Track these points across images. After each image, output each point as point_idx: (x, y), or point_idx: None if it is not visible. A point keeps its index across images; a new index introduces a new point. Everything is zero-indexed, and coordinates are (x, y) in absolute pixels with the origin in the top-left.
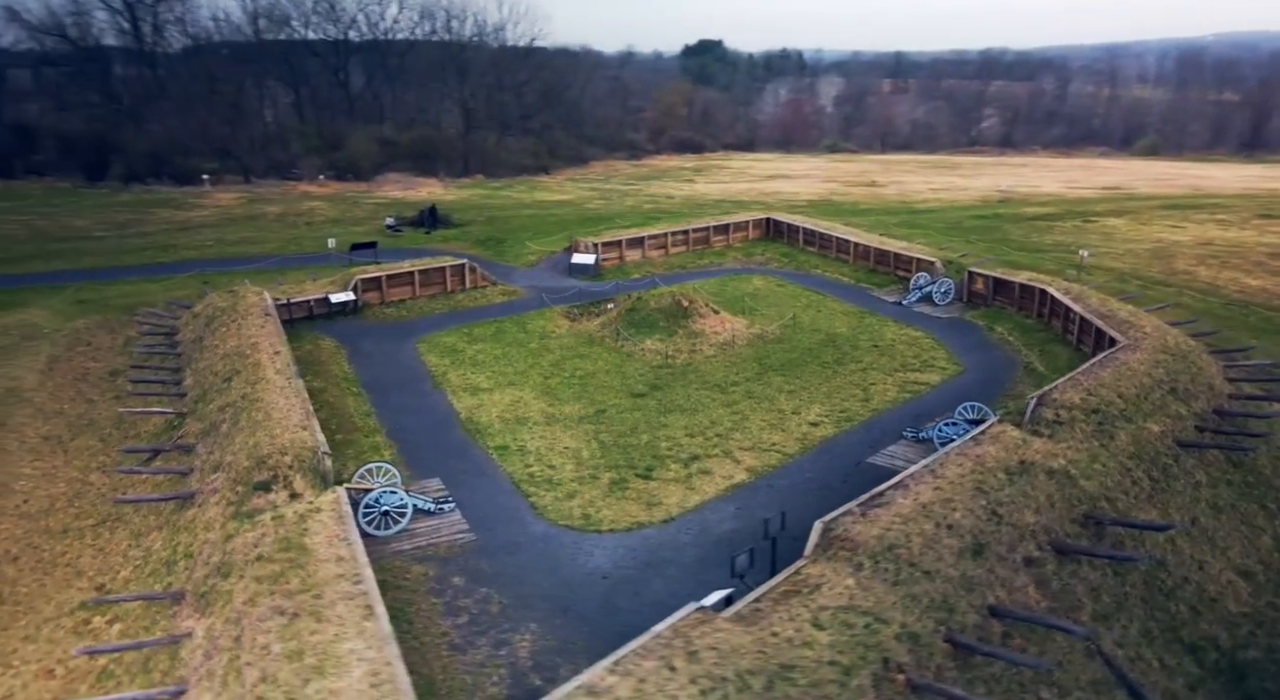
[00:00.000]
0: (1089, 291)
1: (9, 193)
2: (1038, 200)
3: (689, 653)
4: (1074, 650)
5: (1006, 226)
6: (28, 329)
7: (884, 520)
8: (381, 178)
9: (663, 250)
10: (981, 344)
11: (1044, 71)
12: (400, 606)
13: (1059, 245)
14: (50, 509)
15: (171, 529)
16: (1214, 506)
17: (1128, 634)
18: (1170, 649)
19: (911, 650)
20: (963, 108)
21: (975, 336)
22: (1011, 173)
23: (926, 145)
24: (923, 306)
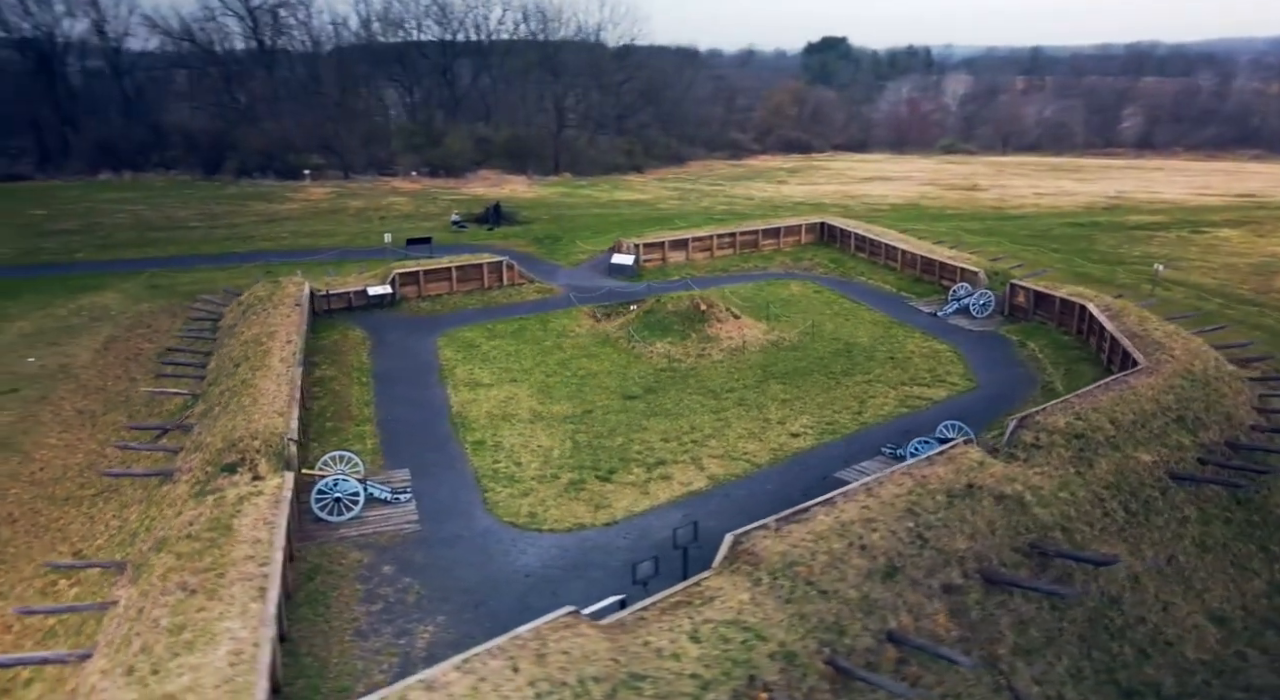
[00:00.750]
0: (1132, 309)
1: (136, 184)
2: (1149, 207)
3: (539, 656)
4: (980, 683)
5: (1098, 235)
6: (98, 311)
7: (795, 536)
8: (473, 175)
9: (707, 253)
10: (1006, 360)
11: (1202, 67)
12: (324, 591)
13: (1148, 257)
14: (60, 478)
15: (149, 503)
16: (1200, 545)
17: (1052, 671)
18: (1101, 690)
19: (784, 670)
20: (1101, 106)
21: (1003, 352)
22: (1139, 177)
23: (1055, 146)
24: (958, 318)
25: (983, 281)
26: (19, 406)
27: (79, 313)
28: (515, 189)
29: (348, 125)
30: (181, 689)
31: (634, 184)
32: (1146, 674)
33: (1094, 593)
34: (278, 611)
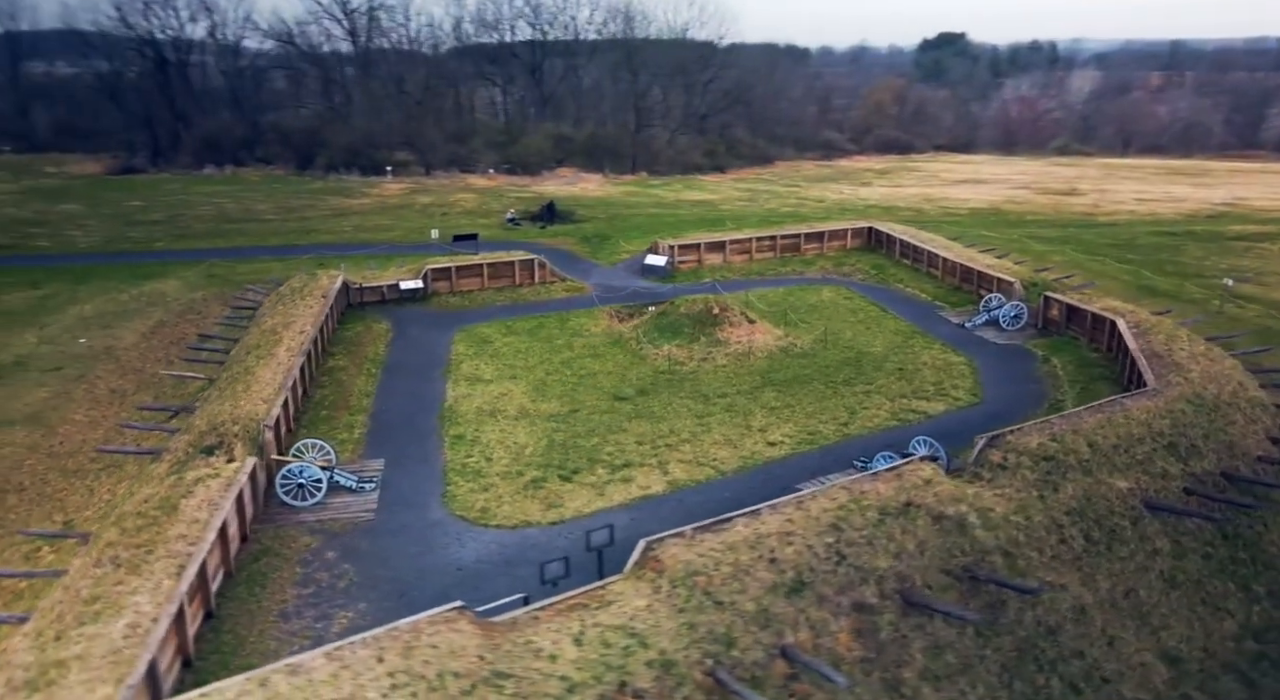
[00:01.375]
0: (1165, 326)
1: (234, 178)
2: (1262, 217)
3: (407, 648)
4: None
5: (1189, 245)
6: (155, 297)
7: (706, 546)
8: (549, 173)
9: (746, 255)
10: (1022, 376)
11: None
12: (265, 572)
13: (1236, 270)
14: (75, 452)
15: (136, 480)
16: (1168, 579)
17: (963, 699)
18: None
19: (659, 678)
20: (1244, 104)
21: (1021, 367)
22: (1269, 182)
23: (1184, 148)
24: (987, 330)
25: (1018, 292)
26: (58, 384)
27: (138, 298)
28: (587, 187)
29: (431, 124)
30: (72, 656)
31: (707, 184)
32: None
33: (1028, 622)
34: (198, 589)
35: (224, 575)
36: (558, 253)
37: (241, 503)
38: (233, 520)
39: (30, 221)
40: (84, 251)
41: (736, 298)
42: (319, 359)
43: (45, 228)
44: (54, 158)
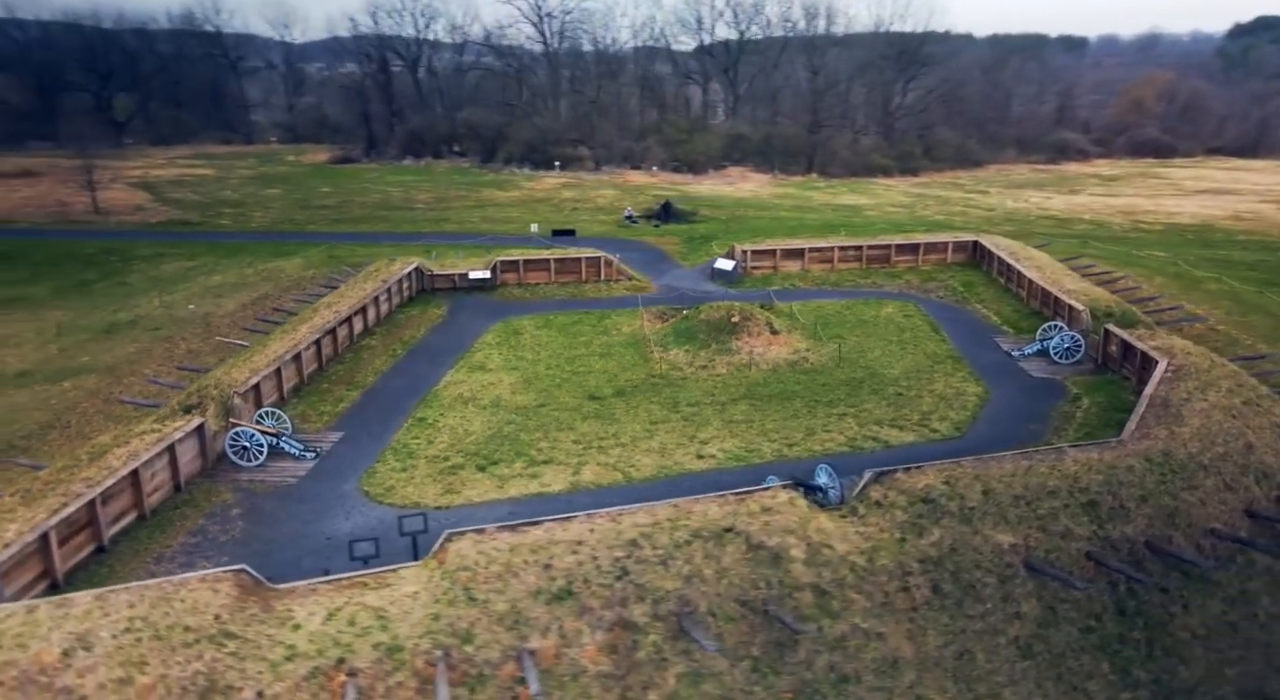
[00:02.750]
0: (1223, 372)
1: (424, 170)
2: None
3: (161, 599)
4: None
5: None
6: (274, 273)
7: (493, 544)
8: (716, 172)
9: (827, 264)
10: (1032, 415)
11: None
12: (173, 519)
13: None
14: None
15: (121, 428)
16: (1022, 647)
17: None
18: None
19: (380, 661)
20: None
21: (1040, 405)
22: None
23: None
24: (1034, 361)
25: (1084, 322)
26: (147, 341)
27: (260, 273)
28: (743, 187)
29: (607, 121)
30: None
31: (877, 188)
32: None
33: (819, 666)
34: (84, 525)
35: (136, 517)
36: (652, 251)
37: (174, 456)
38: (158, 470)
39: (230, 202)
40: (251, 230)
41: (779, 308)
42: (352, 338)
43: (238, 209)
44: (302, 148)
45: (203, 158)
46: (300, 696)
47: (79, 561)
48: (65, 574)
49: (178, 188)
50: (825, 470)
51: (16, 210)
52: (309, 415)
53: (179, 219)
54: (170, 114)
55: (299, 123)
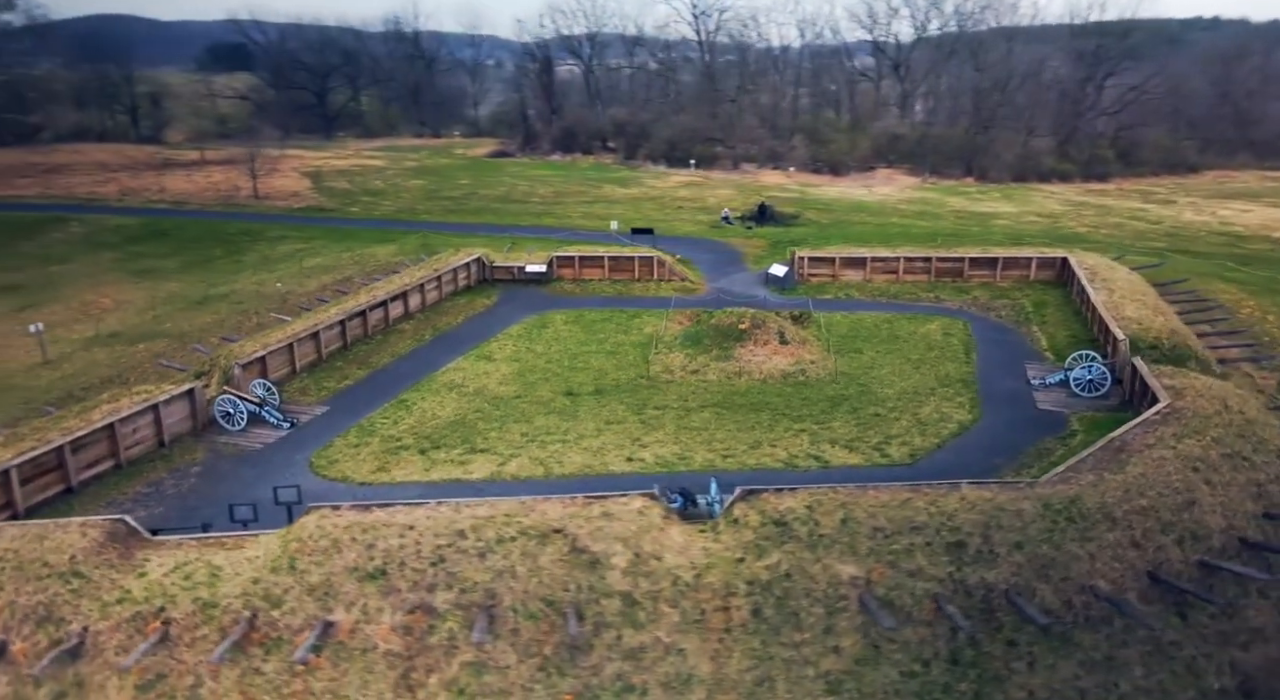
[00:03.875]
0: (1224, 420)
1: (566, 165)
2: None
3: (37, 539)
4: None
5: None
6: (366, 258)
7: (340, 519)
8: (862, 173)
9: (892, 275)
10: (1009, 448)
11: None
12: (143, 471)
13: None
14: (179, 361)
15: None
16: (831, 682)
17: None
18: None
19: (194, 613)
20: None
21: (1026, 439)
22: None
23: None
24: (1053, 393)
25: (1122, 354)
26: (226, 314)
27: (354, 258)
28: (883, 190)
29: (749, 120)
30: None
31: (1036, 194)
32: None
33: (608, 672)
34: (53, 468)
35: (112, 466)
36: (728, 253)
37: (158, 416)
38: (140, 427)
39: (372, 191)
40: (372, 218)
41: (813, 317)
42: (388, 321)
43: (375, 197)
44: (477, 142)
45: (390, 150)
46: (118, 636)
47: (46, 498)
48: (28, 507)
49: (339, 177)
50: (714, 484)
51: (194, 194)
52: (309, 389)
53: (316, 206)
54: (377, 109)
55: (481, 118)
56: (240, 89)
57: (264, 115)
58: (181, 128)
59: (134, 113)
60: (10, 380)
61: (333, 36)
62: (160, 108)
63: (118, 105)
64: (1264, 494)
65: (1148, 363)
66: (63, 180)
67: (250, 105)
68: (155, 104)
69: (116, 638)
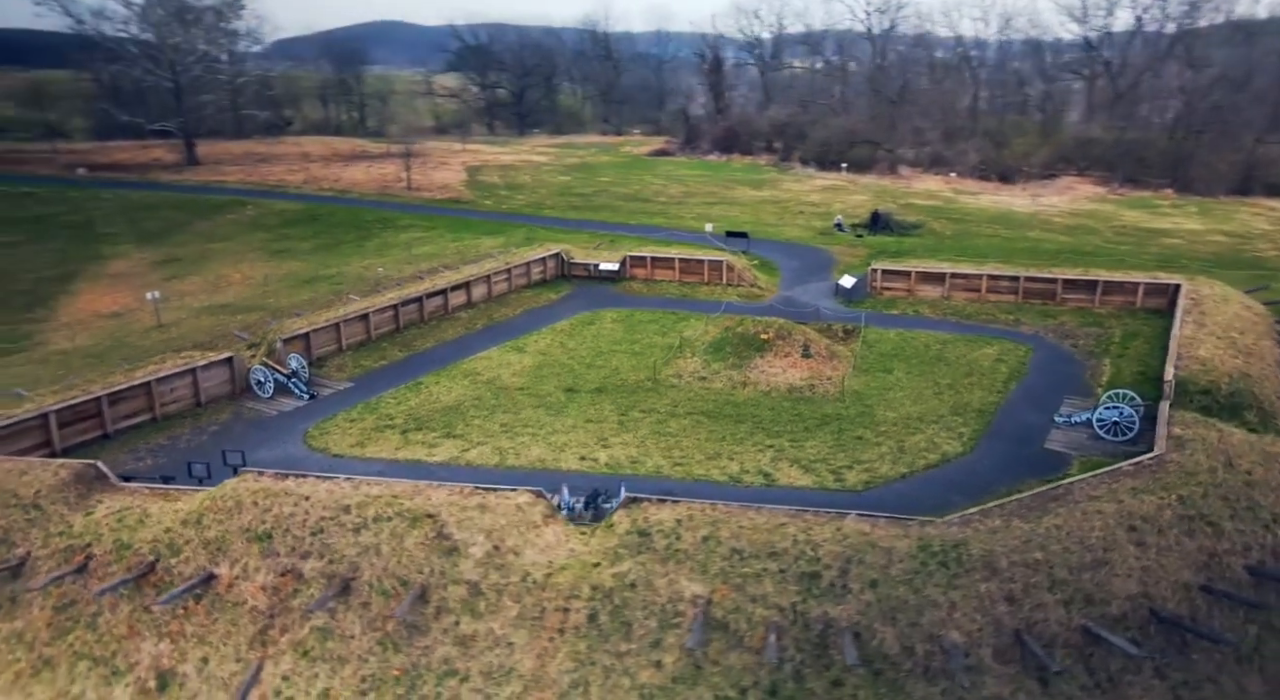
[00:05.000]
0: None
1: (716, 165)
2: None
3: (16, 470)
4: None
5: None
6: (468, 248)
7: (260, 485)
8: (1040, 181)
9: (974, 293)
10: (980, 488)
11: None
12: (172, 426)
13: None
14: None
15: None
16: (645, 697)
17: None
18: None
19: (109, 552)
20: None
21: (1006, 479)
22: None
23: None
24: (1072, 433)
25: (1167, 394)
26: (323, 293)
27: (458, 247)
28: (1052, 200)
29: (910, 121)
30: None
31: (1239, 211)
32: None
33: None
34: (90, 417)
35: (149, 419)
36: (822, 261)
37: (196, 379)
38: (178, 387)
39: (514, 186)
40: (498, 211)
41: (863, 332)
42: (447, 308)
43: (514, 192)
44: (647, 140)
45: (566, 147)
46: (50, 563)
47: (83, 441)
48: (65, 447)
49: (494, 172)
50: (621, 486)
51: (360, 184)
52: (345, 366)
53: (455, 198)
54: (573, 107)
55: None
56: (453, 88)
57: (471, 112)
58: (401, 123)
59: (362, 110)
60: (126, 339)
61: (534, 38)
62: (386, 105)
63: (349, 102)
64: (1216, 565)
65: (1189, 409)
66: (264, 169)
67: (460, 103)
68: (382, 102)
69: (49, 564)
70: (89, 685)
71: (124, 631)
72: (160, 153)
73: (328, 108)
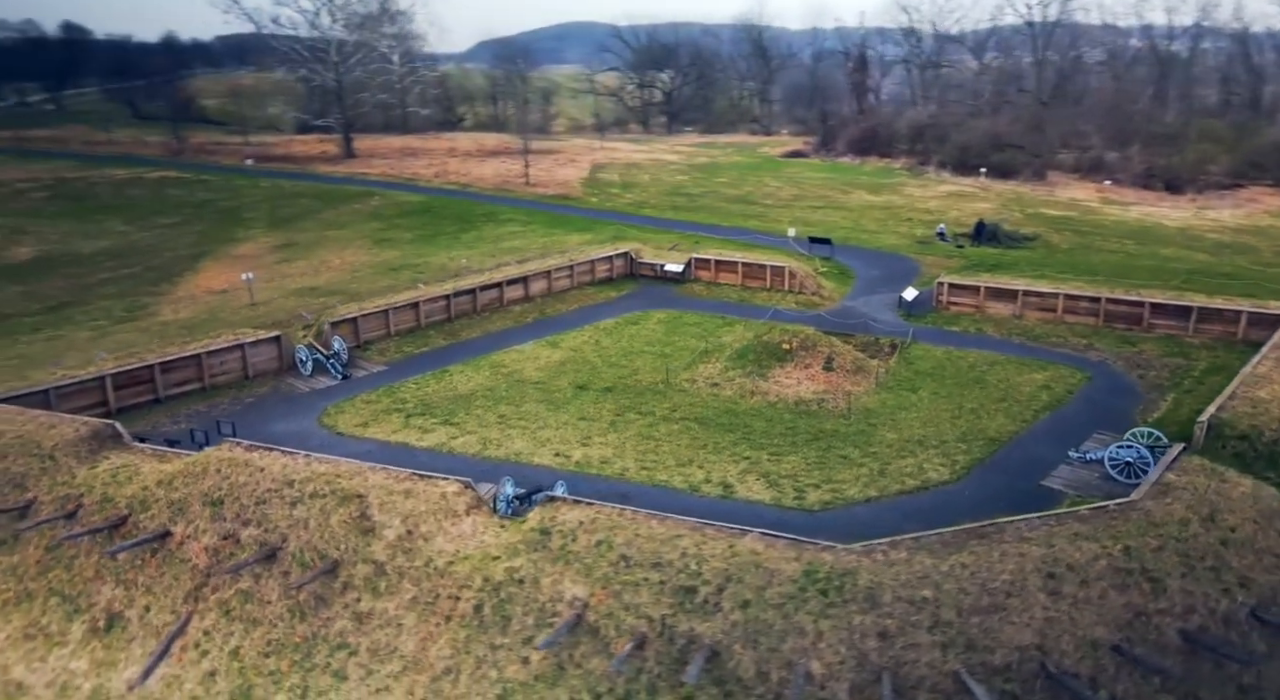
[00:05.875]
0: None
1: (848, 168)
2: None
3: (44, 424)
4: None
5: None
6: (554, 244)
7: (229, 456)
8: (1219, 192)
9: (1049, 312)
10: (949, 523)
11: None
12: (215, 396)
13: None
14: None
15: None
16: (504, 688)
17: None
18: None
19: (97, 502)
20: None
21: (981, 514)
22: None
23: None
24: (1081, 470)
25: (1195, 438)
26: (402, 281)
27: (544, 242)
28: (1217, 215)
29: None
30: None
31: None
32: None
33: (335, 628)
34: (143, 382)
35: (198, 387)
36: (903, 270)
37: (244, 354)
38: (228, 360)
39: (630, 184)
40: (599, 208)
41: (909, 348)
42: (502, 300)
43: (625, 190)
44: (787, 140)
45: (705, 146)
46: (49, 507)
47: (136, 403)
48: (119, 408)
49: (615, 170)
50: (562, 484)
51: (483, 179)
52: (387, 350)
53: (564, 194)
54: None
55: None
56: (611, 86)
57: (627, 110)
58: (561, 120)
59: (523, 107)
60: (221, 314)
61: (691, 36)
62: (549, 102)
63: (513, 100)
64: (1143, 625)
65: (1221, 454)
66: (408, 163)
67: (617, 101)
68: (545, 99)
69: (48, 509)
70: (55, 619)
71: (90, 574)
72: (327, 146)
73: (497, 106)
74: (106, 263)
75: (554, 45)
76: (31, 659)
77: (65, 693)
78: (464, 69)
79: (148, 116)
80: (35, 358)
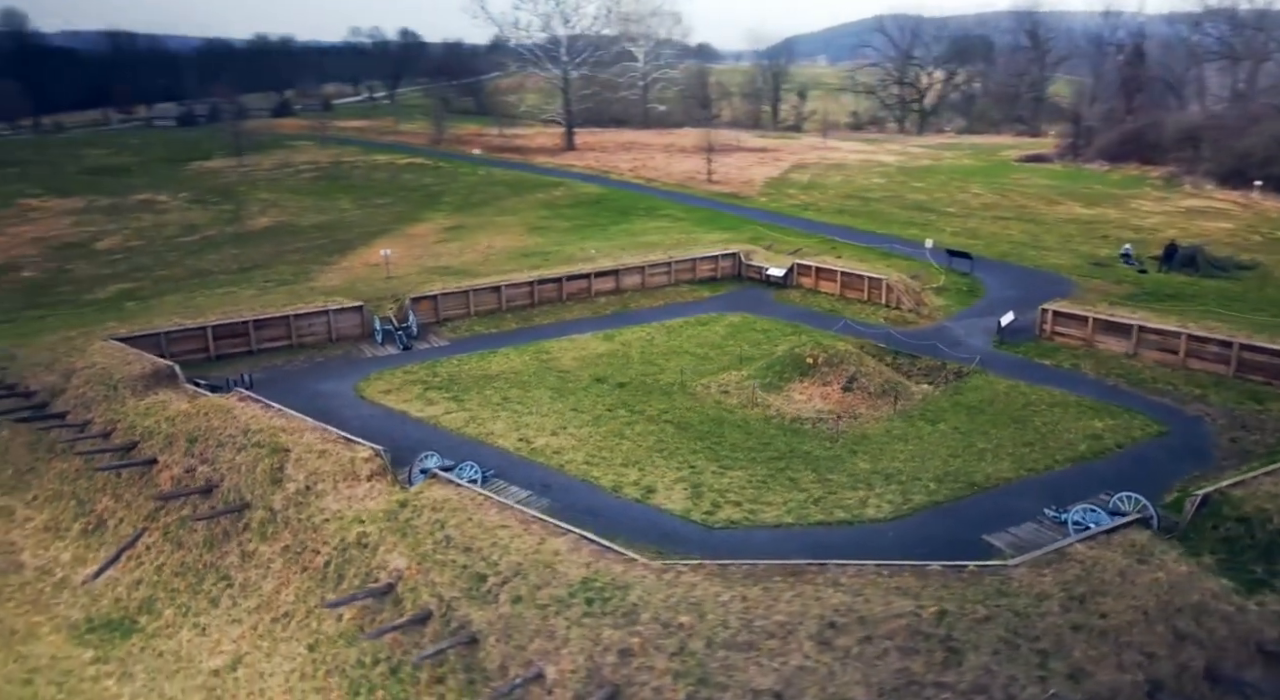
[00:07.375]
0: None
1: (1097, 176)
2: None
3: (127, 360)
4: None
5: None
6: (689, 241)
7: (234, 409)
8: None
9: (1170, 354)
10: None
11: None
12: (296, 353)
13: None
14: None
15: None
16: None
17: None
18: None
19: (143, 437)
20: None
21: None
22: None
23: None
24: (1042, 532)
25: (1184, 516)
26: (527, 264)
27: (678, 237)
28: None
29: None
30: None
31: None
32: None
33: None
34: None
35: (286, 344)
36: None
37: (329, 319)
38: (314, 323)
39: (814, 185)
40: (764, 209)
41: (971, 373)
42: (590, 291)
43: (800, 190)
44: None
45: (939, 147)
46: (97, 427)
47: (231, 352)
48: (218, 354)
49: (808, 171)
50: (470, 466)
51: (668, 175)
52: (459, 328)
53: (734, 193)
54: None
55: (1085, 116)
56: (869, 83)
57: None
58: (817, 119)
59: (775, 106)
60: (358, 285)
61: (955, 29)
62: (803, 100)
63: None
64: (909, 694)
65: (1210, 535)
66: (615, 157)
67: (874, 99)
68: (801, 97)
69: (97, 428)
70: (66, 517)
71: (99, 486)
72: (555, 140)
73: (759, 102)
74: (311, 234)
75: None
76: (38, 547)
77: (43, 577)
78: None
79: (458, 111)
80: (203, 307)
